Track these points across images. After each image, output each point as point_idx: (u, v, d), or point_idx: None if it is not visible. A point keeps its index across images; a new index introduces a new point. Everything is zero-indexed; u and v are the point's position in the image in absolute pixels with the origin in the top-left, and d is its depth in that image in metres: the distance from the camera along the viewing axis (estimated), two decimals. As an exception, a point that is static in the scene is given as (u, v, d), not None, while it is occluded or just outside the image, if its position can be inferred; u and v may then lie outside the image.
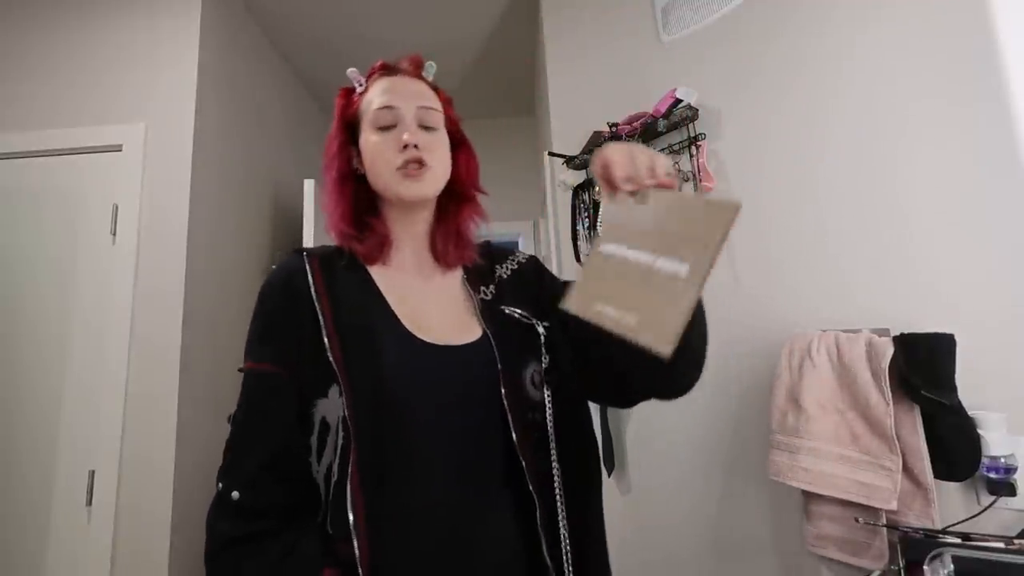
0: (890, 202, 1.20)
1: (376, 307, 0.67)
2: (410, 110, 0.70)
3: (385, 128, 0.70)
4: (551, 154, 1.78)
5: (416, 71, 0.76)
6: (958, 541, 0.83)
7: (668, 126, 1.51)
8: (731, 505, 1.38)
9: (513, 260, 0.81)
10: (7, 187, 1.81)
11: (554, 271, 1.88)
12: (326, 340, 0.62)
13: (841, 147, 1.28)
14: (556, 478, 0.65)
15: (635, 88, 1.65)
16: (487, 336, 0.68)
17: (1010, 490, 0.99)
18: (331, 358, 0.61)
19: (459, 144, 0.78)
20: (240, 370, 0.65)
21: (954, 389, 1.02)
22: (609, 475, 1.58)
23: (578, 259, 1.69)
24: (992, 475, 1.00)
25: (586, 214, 1.69)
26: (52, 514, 1.60)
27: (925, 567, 0.81)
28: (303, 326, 0.63)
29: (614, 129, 1.60)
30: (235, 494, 0.59)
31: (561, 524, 0.63)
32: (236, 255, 2.05)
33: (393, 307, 0.67)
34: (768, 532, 1.32)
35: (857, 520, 1.05)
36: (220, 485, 0.61)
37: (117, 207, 1.76)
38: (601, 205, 1.62)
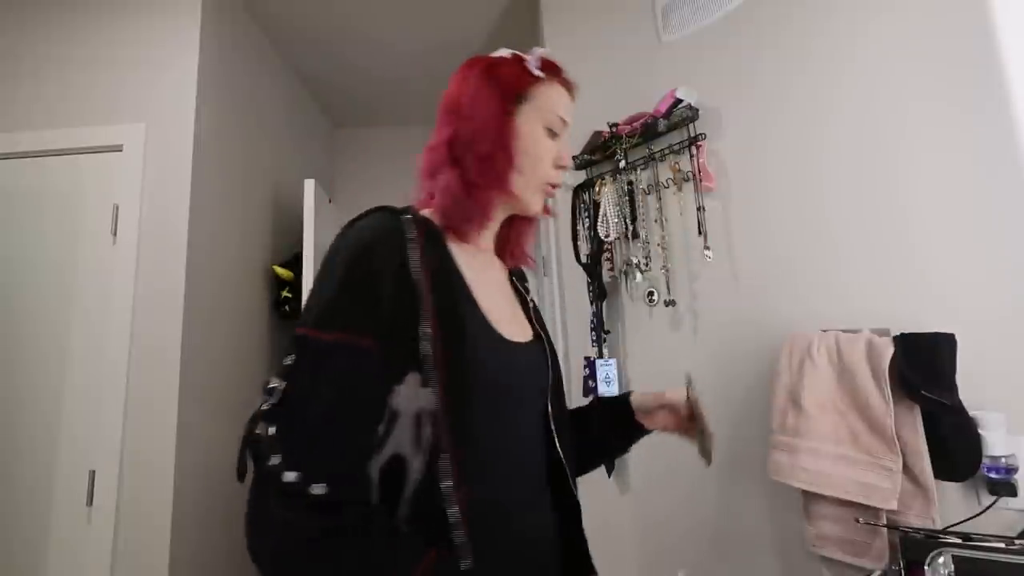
0: (890, 202, 1.20)
1: (461, 290, 0.63)
2: (567, 132, 0.73)
3: (553, 136, 0.71)
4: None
5: (574, 95, 0.76)
6: (958, 541, 0.83)
7: (668, 126, 1.51)
8: (731, 505, 1.37)
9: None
10: (7, 187, 1.81)
11: (554, 271, 1.88)
12: (426, 327, 0.55)
13: (841, 147, 1.28)
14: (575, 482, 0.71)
15: (635, 88, 1.65)
16: (541, 339, 0.72)
17: (1010, 490, 0.98)
18: (430, 348, 0.55)
19: None
20: (314, 341, 0.54)
21: (954, 389, 1.02)
22: (609, 476, 1.58)
23: (578, 259, 1.69)
24: (993, 475, 1.00)
25: (586, 214, 1.69)
26: (52, 514, 1.60)
27: (925, 567, 0.81)
28: (397, 300, 0.56)
29: (614, 129, 1.60)
30: (318, 488, 0.48)
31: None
32: (236, 255, 2.05)
33: (473, 293, 0.64)
34: (768, 532, 1.31)
35: (857, 520, 1.05)
36: (293, 475, 0.48)
37: (117, 207, 1.76)
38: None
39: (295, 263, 2.25)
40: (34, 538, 1.59)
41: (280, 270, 2.27)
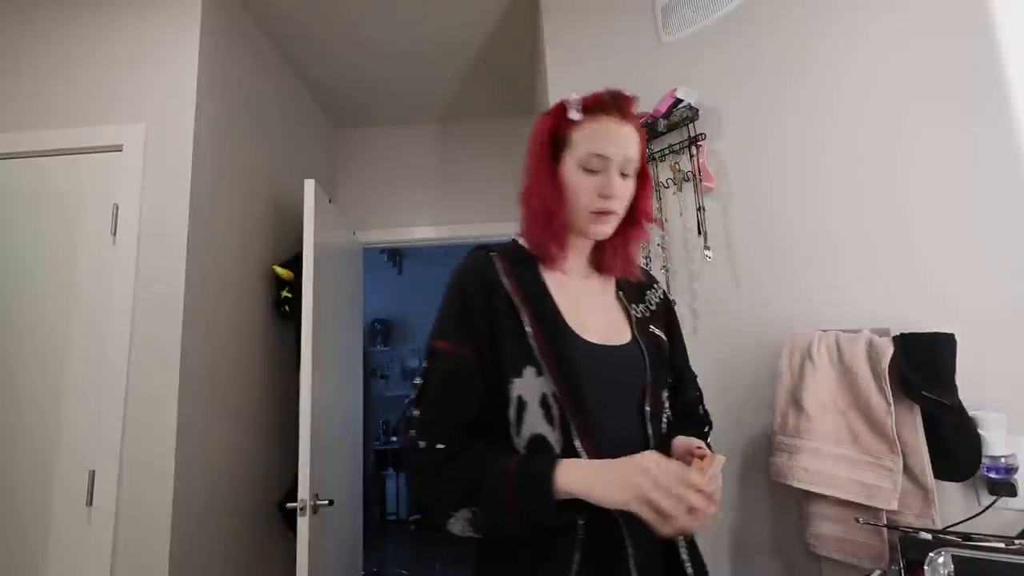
0: (890, 202, 1.20)
1: (549, 304, 0.79)
2: (617, 160, 0.78)
3: (591, 171, 0.79)
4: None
5: (628, 113, 0.81)
6: (958, 541, 0.83)
7: (668, 126, 1.51)
8: (731, 505, 1.37)
9: (658, 290, 0.96)
10: (7, 187, 1.81)
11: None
12: (528, 327, 0.75)
13: (841, 147, 1.28)
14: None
15: (635, 88, 1.62)
16: (638, 342, 0.82)
17: (1010, 490, 0.99)
18: (534, 343, 0.74)
19: (643, 173, 0.85)
20: (431, 349, 0.77)
21: (954, 389, 1.02)
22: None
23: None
24: (992, 475, 1.00)
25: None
26: (52, 514, 1.60)
27: (925, 567, 0.81)
28: (498, 312, 0.76)
29: (614, 129, 1.60)
30: (438, 445, 0.71)
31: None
32: (236, 255, 2.05)
33: (559, 306, 0.79)
34: (768, 532, 1.31)
35: (858, 520, 1.05)
36: (420, 442, 0.72)
37: (117, 207, 1.76)
38: None
39: (295, 263, 2.25)
40: (34, 538, 1.59)
41: (280, 270, 2.27)
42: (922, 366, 1.04)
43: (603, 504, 0.65)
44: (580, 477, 0.66)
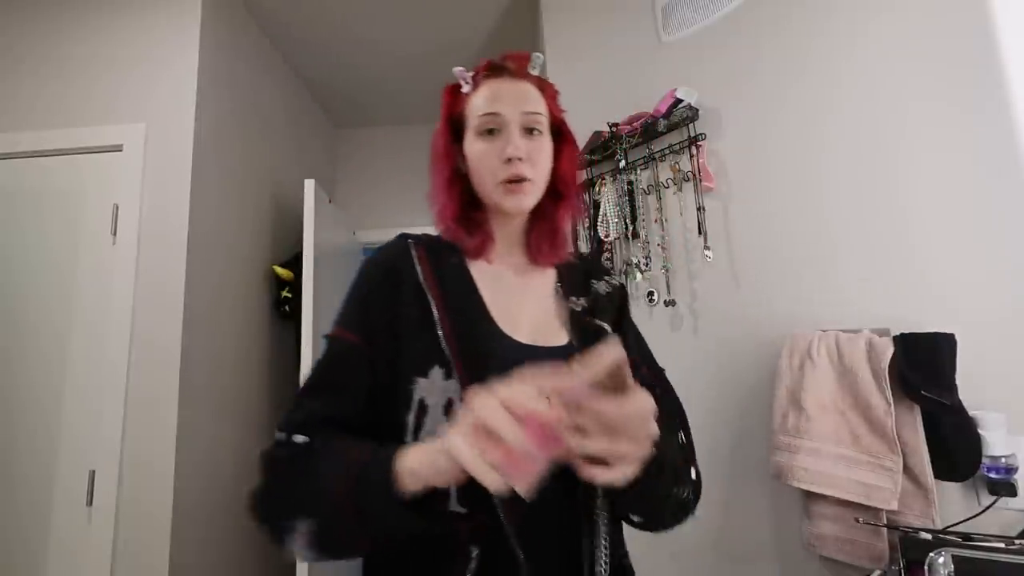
0: (890, 202, 1.20)
1: (472, 299, 0.70)
2: (515, 116, 0.70)
3: (489, 133, 0.70)
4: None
5: (522, 71, 0.74)
6: (958, 541, 0.83)
7: (668, 126, 1.52)
8: (732, 505, 1.37)
9: (611, 280, 0.82)
10: (7, 187, 1.81)
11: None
12: (438, 323, 0.64)
13: (841, 147, 1.28)
14: (599, 495, 0.65)
15: (635, 88, 1.65)
16: (572, 345, 0.70)
17: (1010, 490, 0.99)
18: (443, 342, 0.63)
19: (562, 138, 0.76)
20: (325, 336, 0.68)
21: (954, 389, 1.02)
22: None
23: (578, 259, 1.69)
24: (992, 475, 1.00)
25: (586, 214, 1.69)
26: (52, 514, 1.60)
27: (925, 567, 0.81)
28: (406, 305, 0.66)
29: (614, 129, 1.60)
30: (297, 438, 0.60)
31: (603, 541, 0.65)
32: (236, 255, 2.05)
33: (487, 302, 0.70)
34: (769, 532, 1.31)
35: (858, 520, 1.05)
36: (279, 433, 0.62)
37: (117, 207, 1.76)
38: None
39: (295, 263, 2.25)
40: (34, 538, 1.59)
41: (280, 270, 2.27)
42: (922, 366, 1.04)
43: (449, 478, 0.50)
44: (425, 450, 0.52)
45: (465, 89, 0.74)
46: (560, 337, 0.71)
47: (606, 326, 0.74)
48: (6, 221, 1.79)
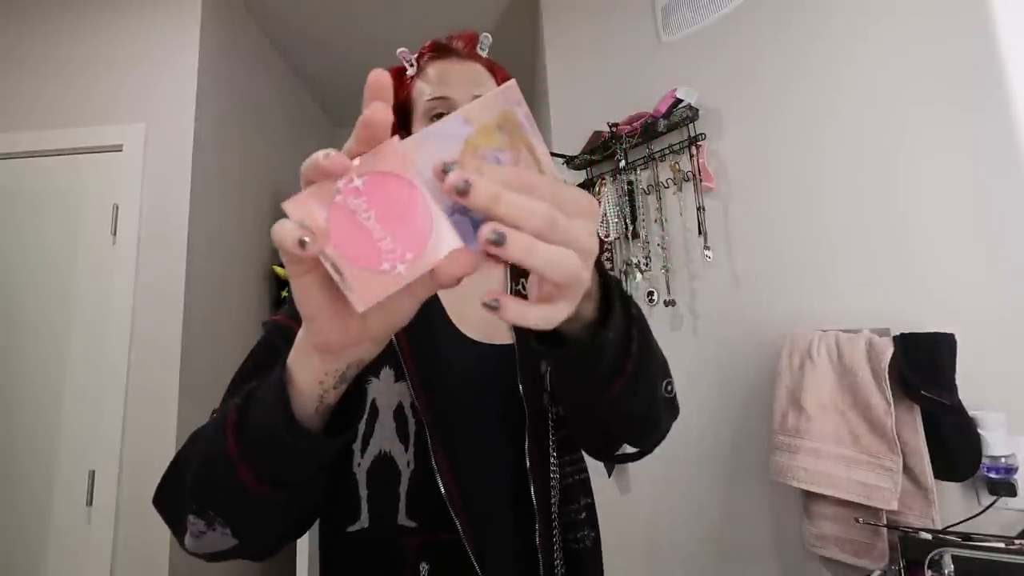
0: (890, 202, 1.20)
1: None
2: (465, 100, 0.63)
3: (438, 119, 0.63)
4: (551, 154, 1.78)
5: (470, 51, 0.68)
6: (958, 541, 0.83)
7: (668, 126, 1.51)
8: (731, 505, 1.37)
9: None
10: (7, 187, 1.81)
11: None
12: None
13: (841, 147, 1.28)
14: (555, 494, 0.61)
15: (635, 88, 1.65)
16: (520, 340, 0.65)
17: (1010, 490, 0.99)
18: (396, 346, 0.58)
19: None
20: (264, 322, 0.61)
21: (954, 389, 1.02)
22: (609, 476, 1.58)
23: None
24: (992, 475, 1.00)
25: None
26: (52, 514, 1.60)
27: (925, 567, 0.81)
28: None
29: (614, 129, 1.60)
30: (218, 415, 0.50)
31: (555, 545, 0.60)
32: (236, 255, 2.05)
33: (441, 295, 0.64)
34: (769, 532, 1.31)
35: (858, 520, 1.05)
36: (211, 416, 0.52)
37: (117, 207, 1.76)
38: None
39: (295, 263, 2.25)
40: (34, 538, 1.59)
41: (280, 270, 2.27)
42: (922, 366, 1.04)
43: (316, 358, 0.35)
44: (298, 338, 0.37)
45: (410, 72, 0.68)
46: (507, 335, 0.65)
47: None
48: (6, 221, 1.79)
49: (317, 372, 0.35)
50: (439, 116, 0.63)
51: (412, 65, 0.68)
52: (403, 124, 0.68)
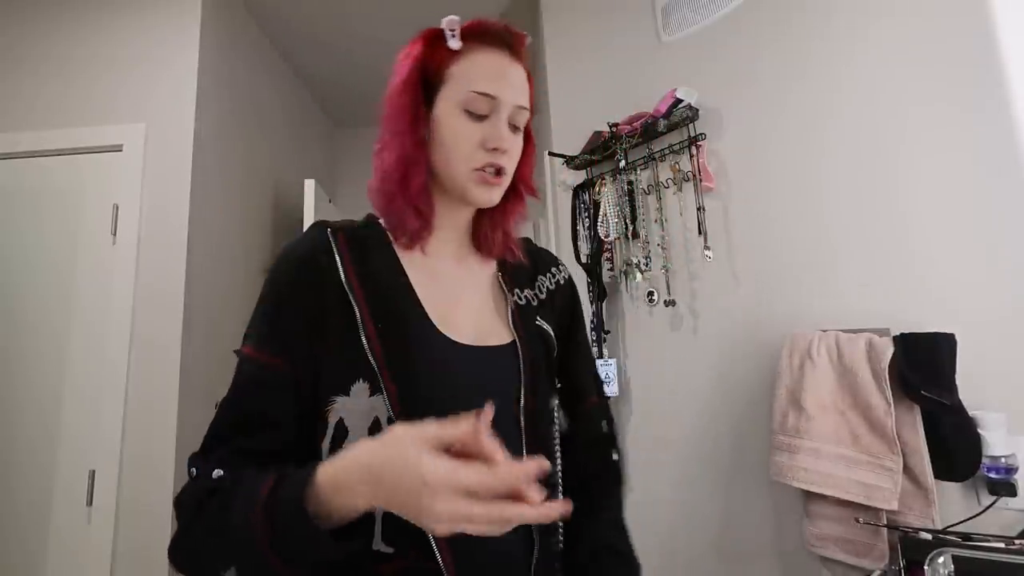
0: (890, 202, 1.20)
1: (404, 296, 0.60)
2: (508, 106, 0.61)
3: (477, 116, 0.60)
4: (551, 154, 1.78)
5: (522, 54, 0.65)
6: (958, 541, 0.83)
7: (668, 126, 1.51)
8: (732, 505, 1.37)
9: (557, 273, 0.75)
10: (7, 187, 1.81)
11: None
12: (363, 335, 0.55)
13: (841, 147, 1.28)
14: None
15: (635, 88, 1.65)
16: (515, 344, 0.63)
17: (1010, 490, 0.99)
18: (370, 355, 0.54)
19: (527, 136, 0.67)
20: (236, 352, 0.57)
21: (954, 389, 1.02)
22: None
23: (578, 259, 1.69)
24: (992, 475, 1.00)
25: (586, 214, 1.69)
26: (52, 514, 1.60)
27: (925, 567, 0.81)
28: (326, 312, 0.56)
29: (614, 129, 1.60)
30: (218, 473, 0.51)
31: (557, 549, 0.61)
32: (236, 255, 2.05)
33: (421, 298, 0.61)
34: (769, 532, 1.31)
35: (858, 520, 1.05)
36: (192, 469, 0.53)
37: (117, 207, 1.76)
38: None
39: (295, 263, 2.26)
40: (34, 538, 1.59)
41: (280, 270, 2.28)
42: (922, 366, 1.04)
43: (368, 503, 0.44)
44: (345, 469, 0.44)
45: (453, 45, 0.62)
46: (503, 335, 0.63)
47: (548, 328, 0.68)
48: (6, 221, 1.79)
49: (360, 508, 0.44)
50: (476, 116, 0.60)
51: (455, 39, 0.62)
52: (427, 94, 0.63)
